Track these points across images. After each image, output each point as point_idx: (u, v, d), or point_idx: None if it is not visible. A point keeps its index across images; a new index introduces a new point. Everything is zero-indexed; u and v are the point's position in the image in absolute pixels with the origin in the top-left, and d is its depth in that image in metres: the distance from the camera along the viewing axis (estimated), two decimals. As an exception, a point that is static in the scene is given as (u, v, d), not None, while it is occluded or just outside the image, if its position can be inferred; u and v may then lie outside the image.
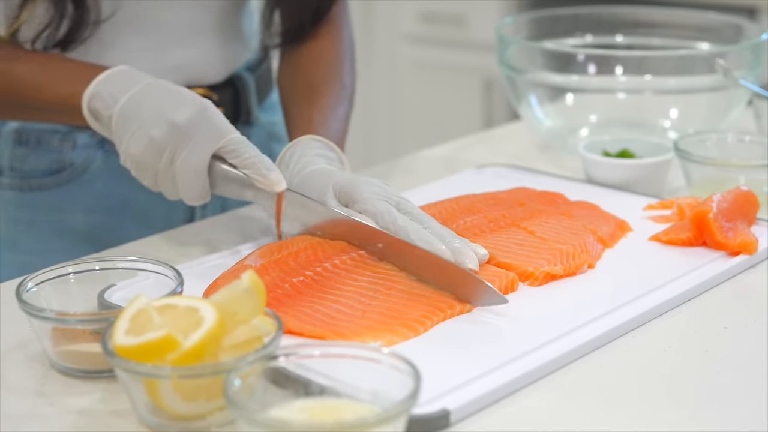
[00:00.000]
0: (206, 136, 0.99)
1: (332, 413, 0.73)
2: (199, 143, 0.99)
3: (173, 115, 0.98)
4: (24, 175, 1.23)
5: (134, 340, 0.75)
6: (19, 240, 1.24)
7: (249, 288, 0.79)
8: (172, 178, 1.00)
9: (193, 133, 0.98)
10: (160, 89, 1.01)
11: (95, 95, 1.02)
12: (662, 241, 1.06)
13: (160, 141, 0.99)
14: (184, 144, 0.98)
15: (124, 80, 1.02)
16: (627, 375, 0.84)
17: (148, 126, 0.99)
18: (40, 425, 0.78)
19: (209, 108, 1.00)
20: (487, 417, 0.79)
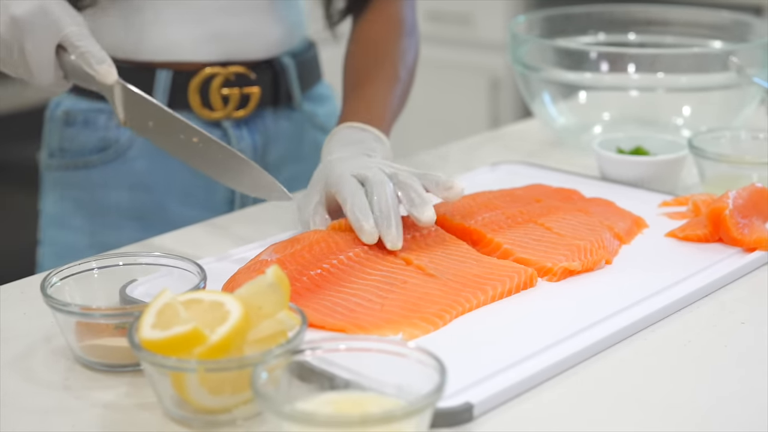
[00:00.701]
0: (45, 29, 1.02)
1: (357, 407, 0.73)
2: (39, 36, 1.02)
3: (11, 9, 1.02)
4: (72, 155, 1.27)
5: (161, 334, 0.76)
6: (67, 219, 1.28)
7: (273, 282, 0.79)
8: (29, 70, 1.04)
9: (33, 26, 1.02)
10: None
11: None
12: (678, 238, 1.06)
13: (5, 36, 1.03)
14: (27, 37, 1.02)
15: None
16: (648, 370, 0.85)
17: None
18: (68, 419, 0.79)
19: (50, 3, 1.03)
20: (509, 411, 0.79)
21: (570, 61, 1.37)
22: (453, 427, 0.77)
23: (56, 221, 1.30)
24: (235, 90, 1.26)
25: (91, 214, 1.28)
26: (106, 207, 1.28)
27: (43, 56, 1.02)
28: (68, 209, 1.29)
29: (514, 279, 0.94)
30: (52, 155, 1.30)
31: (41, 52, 1.02)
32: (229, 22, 1.24)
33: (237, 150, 1.24)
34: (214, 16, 1.23)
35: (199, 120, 1.26)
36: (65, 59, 1.04)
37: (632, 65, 1.37)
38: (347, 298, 0.91)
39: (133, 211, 1.27)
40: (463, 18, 3.12)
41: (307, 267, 0.94)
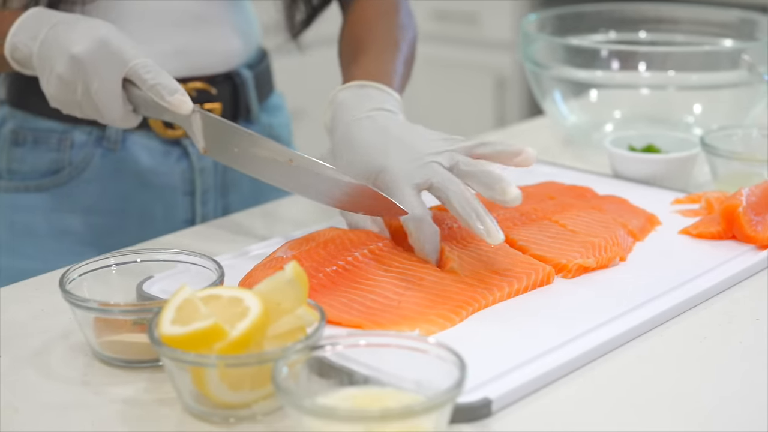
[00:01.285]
0: (110, 65, 1.00)
1: (377, 402, 0.74)
2: (105, 73, 0.99)
3: (73, 49, 0.99)
4: (22, 177, 1.22)
5: (181, 330, 0.76)
6: (18, 244, 1.23)
7: (292, 278, 0.80)
8: (96, 108, 1.01)
9: (96, 64, 0.99)
10: (67, 27, 1.01)
11: (13, 48, 1.03)
12: (692, 235, 1.07)
13: (67, 77, 1.00)
14: (92, 76, 0.99)
15: (35, 25, 1.02)
16: (664, 366, 0.85)
17: (54, 64, 1.00)
18: (87, 414, 0.79)
19: (109, 36, 1.00)
20: (527, 406, 0.80)
21: (581, 59, 1.38)
22: (471, 423, 0.78)
23: (6, 247, 1.23)
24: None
25: (45, 240, 1.22)
26: (61, 232, 1.22)
27: (110, 93, 1.00)
28: (19, 234, 1.23)
29: (531, 276, 0.94)
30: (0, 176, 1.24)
31: (108, 88, 1.00)
32: (189, 37, 1.21)
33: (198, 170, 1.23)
34: (174, 32, 1.20)
35: (157, 138, 1.22)
36: (133, 93, 1.01)
37: (643, 63, 1.37)
38: (364, 295, 0.91)
39: (88, 235, 1.22)
40: (469, 17, 3.13)
41: (322, 264, 0.95)
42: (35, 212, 1.22)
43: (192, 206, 1.25)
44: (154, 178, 1.23)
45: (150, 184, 1.23)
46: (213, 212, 1.26)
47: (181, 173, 1.24)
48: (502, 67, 3.09)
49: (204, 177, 1.25)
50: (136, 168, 1.22)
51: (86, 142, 1.21)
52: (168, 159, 1.23)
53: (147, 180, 1.23)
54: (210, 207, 1.26)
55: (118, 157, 1.21)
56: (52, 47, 1.00)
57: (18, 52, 1.03)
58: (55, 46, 1.00)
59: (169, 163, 1.23)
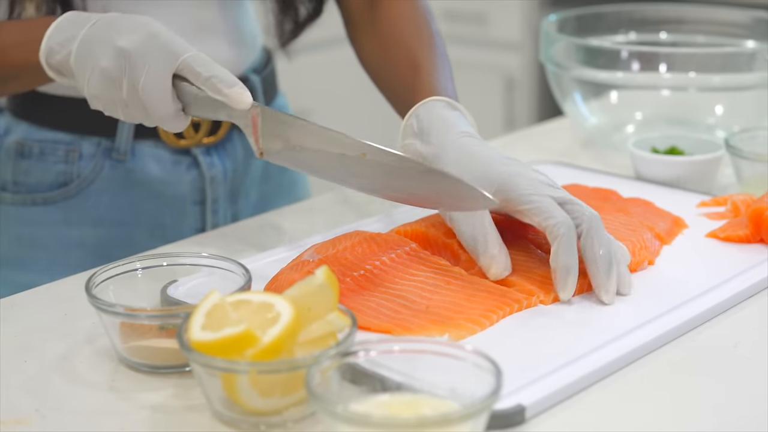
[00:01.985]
0: (160, 59, 0.93)
1: (411, 409, 0.73)
2: (153, 67, 0.93)
3: (120, 42, 0.93)
4: (29, 190, 1.20)
5: (212, 336, 0.75)
6: (25, 258, 1.21)
7: (323, 283, 0.79)
8: (142, 106, 0.95)
9: (145, 58, 0.93)
10: (108, 23, 0.96)
11: (49, 52, 0.97)
12: (719, 238, 1.06)
13: (113, 70, 0.94)
14: (140, 70, 0.93)
15: (72, 26, 0.97)
16: (698, 371, 0.84)
17: (98, 59, 0.94)
18: (116, 421, 0.78)
19: (158, 29, 0.95)
20: (560, 413, 0.79)
21: (601, 60, 1.37)
22: (504, 430, 0.77)
23: (12, 261, 1.21)
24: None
25: (53, 253, 1.19)
26: (69, 244, 1.20)
27: (159, 88, 0.93)
28: (25, 248, 1.20)
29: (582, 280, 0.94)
30: (4, 188, 1.20)
31: (157, 83, 0.93)
32: (197, 47, 1.16)
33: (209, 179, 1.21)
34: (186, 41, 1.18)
35: (168, 148, 1.20)
36: (184, 89, 0.95)
37: (664, 64, 1.36)
38: (392, 300, 0.90)
39: (98, 248, 1.20)
40: (478, 17, 3.12)
41: (350, 268, 0.94)
42: (43, 225, 1.20)
43: (202, 215, 1.24)
44: (164, 188, 1.21)
45: (160, 194, 1.22)
46: (223, 220, 1.25)
47: (191, 182, 1.22)
48: (511, 68, 3.08)
49: (214, 186, 1.23)
50: (145, 178, 1.20)
51: (95, 153, 1.19)
52: (178, 168, 1.22)
53: (157, 190, 1.21)
54: (220, 215, 1.25)
55: (127, 167, 1.20)
56: (95, 43, 0.94)
57: (55, 55, 0.97)
58: (98, 42, 0.94)
59: (179, 173, 1.22)
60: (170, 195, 1.22)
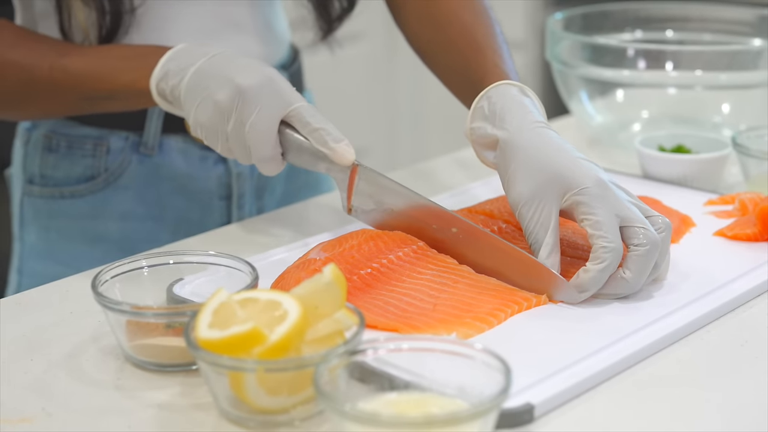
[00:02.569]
0: (272, 102, 0.97)
1: (419, 408, 0.72)
2: (265, 108, 0.97)
3: (238, 79, 0.97)
4: (56, 183, 1.20)
5: (219, 334, 0.75)
6: (52, 250, 1.21)
7: (331, 281, 0.78)
8: (243, 143, 0.98)
9: (259, 99, 0.97)
10: (227, 59, 1.00)
11: (163, 76, 1.01)
12: (727, 237, 1.05)
13: (225, 104, 0.97)
14: (251, 109, 0.97)
15: (189, 55, 1.01)
16: (707, 369, 0.84)
17: (213, 90, 0.98)
18: (123, 419, 0.78)
19: (276, 76, 0.99)
20: (569, 411, 0.78)
21: (608, 59, 1.36)
22: (513, 428, 0.76)
23: (39, 252, 1.22)
24: None
25: (78, 246, 1.21)
26: (94, 238, 1.21)
27: (265, 129, 0.97)
28: (53, 240, 1.22)
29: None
30: (32, 181, 1.22)
31: (264, 124, 0.97)
32: (226, 43, 1.17)
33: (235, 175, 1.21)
34: (211, 40, 1.17)
35: (195, 143, 1.20)
36: (287, 136, 0.99)
37: (670, 63, 1.36)
38: (399, 298, 0.90)
39: (124, 242, 1.20)
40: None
41: (357, 266, 0.93)
42: (70, 218, 1.21)
43: (228, 210, 1.24)
44: (191, 183, 1.21)
45: (186, 189, 1.22)
46: (248, 216, 1.25)
47: (217, 178, 1.22)
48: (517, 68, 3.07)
49: (241, 181, 1.23)
50: (172, 173, 1.21)
51: (123, 147, 1.19)
52: (205, 164, 1.21)
53: (183, 185, 1.21)
54: (246, 210, 1.25)
55: (154, 162, 1.20)
56: (211, 76, 0.98)
57: (167, 80, 1.00)
58: (216, 75, 0.98)
59: (205, 168, 1.21)
60: (196, 190, 1.22)
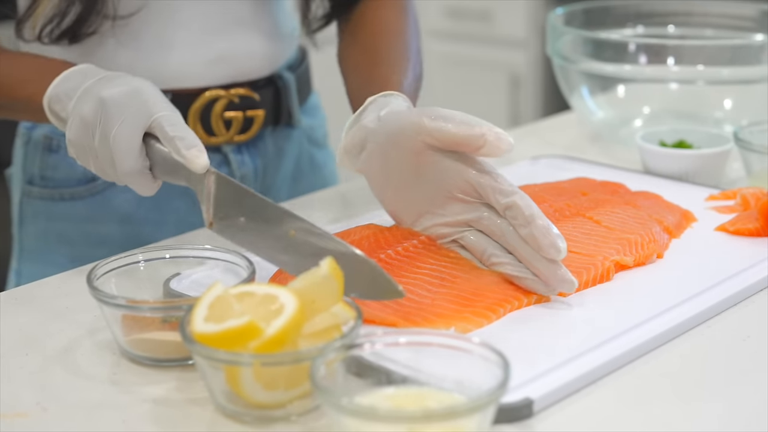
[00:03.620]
0: (135, 113, 0.94)
1: (417, 402, 0.72)
2: (128, 119, 0.93)
3: (102, 92, 0.94)
4: (56, 184, 1.19)
5: (215, 328, 0.74)
6: (51, 253, 1.20)
7: (328, 274, 0.78)
8: (110, 158, 0.94)
9: (122, 110, 0.93)
10: (108, 78, 0.97)
11: (53, 98, 0.99)
12: (729, 232, 1.04)
13: (89, 117, 0.94)
14: (114, 120, 0.93)
15: (80, 78, 0.98)
16: (708, 365, 0.83)
17: (80, 106, 0.96)
18: (118, 414, 0.77)
19: (144, 87, 0.96)
20: (569, 406, 0.77)
21: (609, 54, 1.35)
22: (512, 423, 0.75)
23: (37, 255, 1.21)
24: (239, 113, 1.19)
25: (77, 249, 1.19)
26: (95, 240, 1.19)
27: (128, 140, 0.93)
28: (51, 242, 1.20)
29: (590, 272, 0.93)
30: (32, 182, 1.20)
31: (127, 135, 0.93)
32: (231, 42, 1.17)
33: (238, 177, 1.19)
34: (216, 38, 1.16)
35: None
36: (153, 149, 0.95)
37: (672, 57, 1.35)
38: (397, 292, 0.89)
39: (123, 245, 1.15)
40: (482, 15, 3.11)
41: (355, 260, 0.92)
42: (70, 220, 1.19)
43: None
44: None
45: (187, 191, 1.18)
46: None
47: None
48: (516, 65, 3.07)
49: (244, 184, 1.21)
50: None
51: None
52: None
53: (184, 188, 1.18)
54: None
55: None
56: (88, 94, 0.96)
57: (58, 102, 0.98)
58: (90, 92, 0.96)
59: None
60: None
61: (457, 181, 0.93)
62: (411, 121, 0.94)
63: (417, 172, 0.95)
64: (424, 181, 0.95)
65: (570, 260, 0.95)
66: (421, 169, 0.95)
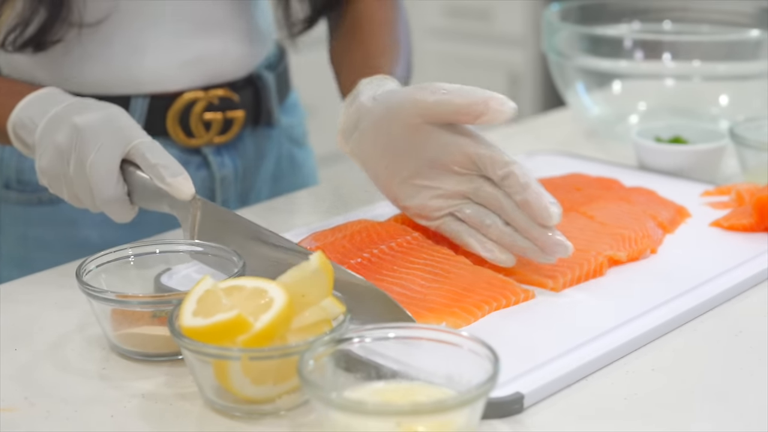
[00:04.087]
0: (112, 140, 0.92)
1: (406, 396, 0.71)
2: (104, 147, 0.92)
3: (76, 118, 0.93)
4: (34, 188, 1.16)
5: (203, 322, 0.74)
6: (30, 259, 1.17)
7: (318, 268, 0.77)
8: (87, 186, 0.93)
9: (98, 137, 0.92)
10: (79, 104, 0.96)
11: (17, 123, 0.97)
12: (723, 227, 1.04)
13: (63, 145, 0.93)
14: (90, 147, 0.92)
15: (45, 103, 0.97)
16: (701, 360, 0.83)
17: (53, 134, 0.94)
18: (107, 409, 0.76)
19: (118, 113, 0.95)
20: (560, 401, 0.77)
21: (605, 49, 1.35)
22: (502, 419, 0.75)
23: (16, 262, 1.18)
24: (218, 115, 1.16)
25: (57, 254, 1.13)
26: (75, 245, 1.15)
27: (106, 167, 0.92)
28: (31, 248, 1.17)
29: (583, 268, 0.93)
30: (9, 186, 1.17)
31: (104, 162, 0.92)
32: (208, 43, 1.15)
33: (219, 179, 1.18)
34: (193, 40, 1.14)
35: (177, 147, 1.16)
36: (132, 176, 0.94)
37: (668, 53, 1.34)
38: (389, 287, 0.89)
39: (104, 249, 1.17)
40: (481, 13, 3.10)
41: (347, 256, 0.92)
42: (48, 226, 1.17)
43: None
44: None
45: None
46: None
47: (200, 182, 1.18)
48: (515, 64, 3.07)
49: (225, 186, 1.20)
50: None
51: None
52: (187, 168, 1.15)
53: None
54: None
55: None
56: (58, 121, 0.95)
57: (23, 128, 0.97)
58: (61, 119, 0.94)
59: (188, 172, 1.18)
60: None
61: (455, 155, 0.93)
62: (411, 97, 0.93)
63: (413, 147, 0.94)
64: (420, 156, 0.94)
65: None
66: (418, 145, 0.94)
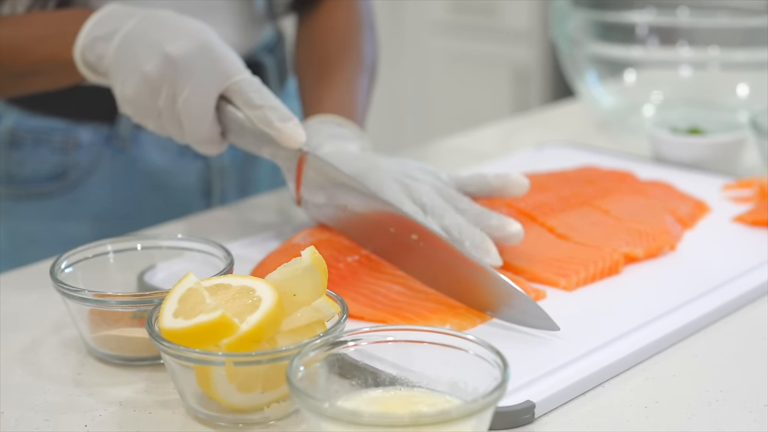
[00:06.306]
0: (209, 75, 0.86)
1: (406, 406, 0.65)
2: (200, 81, 0.86)
3: (168, 47, 0.86)
4: (23, 182, 1.12)
5: (184, 323, 0.68)
6: (19, 255, 1.12)
7: (310, 266, 0.71)
8: (177, 121, 0.87)
9: (193, 70, 0.85)
10: (157, 21, 0.88)
11: (86, 47, 0.90)
12: (747, 222, 0.98)
13: (154, 76, 0.86)
14: (184, 81, 0.85)
15: (116, 20, 0.89)
16: (724, 365, 0.76)
17: (140, 61, 0.87)
18: (80, 418, 0.71)
19: (213, 43, 0.87)
20: (573, 410, 0.71)
21: (618, 37, 1.29)
22: (512, 429, 0.69)
23: (6, 258, 1.13)
24: None
25: (48, 250, 1.06)
26: (67, 240, 1.09)
27: (201, 105, 0.86)
28: (20, 245, 1.13)
29: (599, 264, 0.87)
30: None
31: (200, 99, 0.85)
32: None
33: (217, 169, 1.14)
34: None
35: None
36: (228, 113, 0.87)
37: (684, 40, 1.28)
38: (388, 287, 0.83)
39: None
40: (487, 8, 3.06)
41: (343, 253, 0.86)
42: (39, 220, 1.13)
43: (207, 205, 1.16)
44: (169, 179, 1.13)
45: (164, 185, 1.14)
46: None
47: (197, 173, 1.14)
48: (520, 58, 3.03)
49: (223, 176, 1.16)
50: (148, 168, 1.12)
51: (94, 141, 1.11)
52: (183, 158, 1.14)
53: (161, 181, 1.13)
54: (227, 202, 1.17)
55: (129, 156, 1.12)
56: (139, 43, 0.87)
57: (93, 49, 0.89)
58: (144, 42, 0.87)
59: (184, 162, 1.14)
60: (175, 187, 1.14)
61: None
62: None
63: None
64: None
65: (576, 252, 0.88)
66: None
